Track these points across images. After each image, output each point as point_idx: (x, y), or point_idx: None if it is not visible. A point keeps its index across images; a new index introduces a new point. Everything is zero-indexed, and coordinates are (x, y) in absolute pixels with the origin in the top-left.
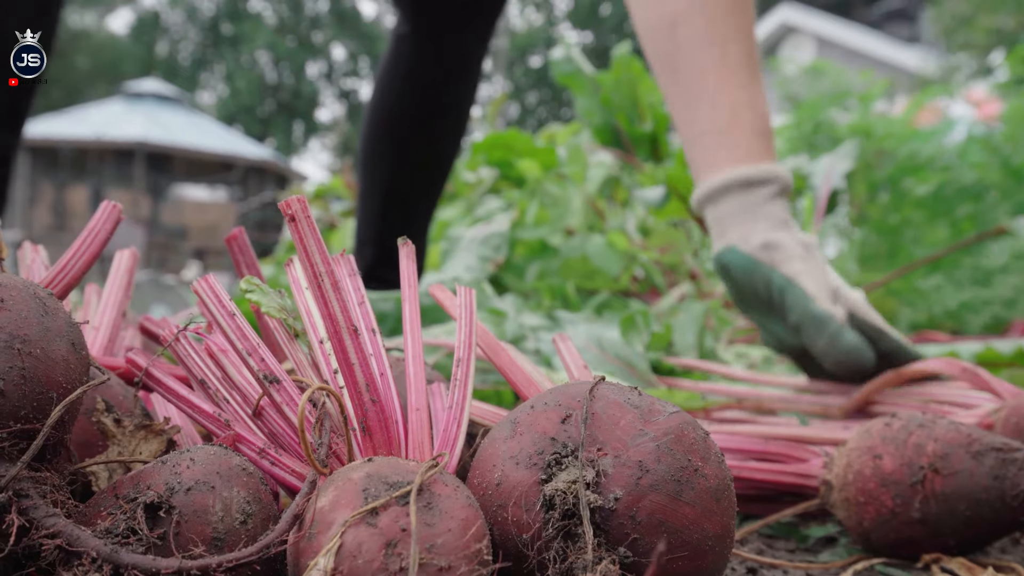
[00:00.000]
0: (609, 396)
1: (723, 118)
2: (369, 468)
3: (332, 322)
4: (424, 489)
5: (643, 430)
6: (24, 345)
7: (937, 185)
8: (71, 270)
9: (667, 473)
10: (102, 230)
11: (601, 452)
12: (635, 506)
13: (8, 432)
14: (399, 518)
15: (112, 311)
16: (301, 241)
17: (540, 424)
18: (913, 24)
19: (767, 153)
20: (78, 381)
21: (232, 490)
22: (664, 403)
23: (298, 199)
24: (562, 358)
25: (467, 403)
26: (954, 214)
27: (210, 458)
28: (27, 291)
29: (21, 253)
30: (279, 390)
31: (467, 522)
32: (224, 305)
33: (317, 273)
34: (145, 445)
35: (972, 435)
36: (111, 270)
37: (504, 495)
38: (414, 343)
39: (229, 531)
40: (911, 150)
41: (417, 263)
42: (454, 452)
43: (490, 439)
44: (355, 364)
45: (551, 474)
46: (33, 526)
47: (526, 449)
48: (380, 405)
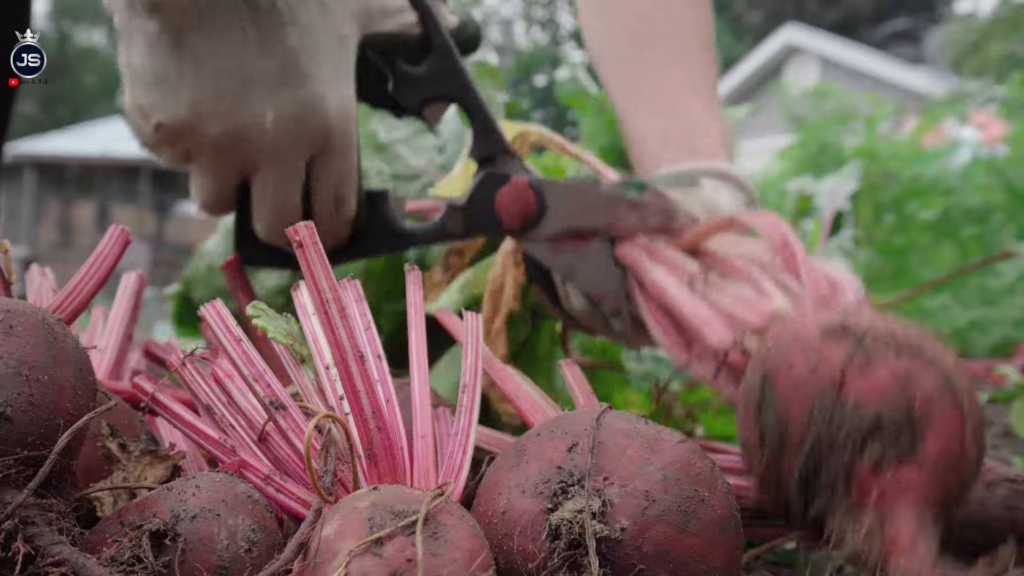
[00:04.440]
0: (615, 425)
1: (692, 127)
2: (374, 497)
3: (338, 349)
4: (430, 519)
5: (649, 460)
6: (32, 372)
7: (942, 209)
8: (79, 295)
9: (673, 503)
10: (110, 254)
11: (607, 481)
12: (641, 536)
13: (15, 459)
14: (404, 548)
15: (118, 334)
16: (308, 267)
17: (546, 452)
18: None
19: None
20: (85, 407)
21: (237, 518)
22: (672, 432)
23: (305, 225)
24: (568, 384)
25: (473, 430)
26: (959, 236)
27: (216, 485)
28: (35, 317)
29: (29, 276)
30: (284, 416)
31: (472, 552)
32: (231, 331)
33: (324, 300)
34: (150, 471)
35: (986, 465)
36: (118, 293)
37: (510, 524)
38: (420, 369)
39: (234, 559)
40: (915, 172)
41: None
42: (459, 480)
43: (496, 467)
44: (361, 391)
45: (557, 503)
46: (39, 554)
47: (532, 478)
48: (386, 432)
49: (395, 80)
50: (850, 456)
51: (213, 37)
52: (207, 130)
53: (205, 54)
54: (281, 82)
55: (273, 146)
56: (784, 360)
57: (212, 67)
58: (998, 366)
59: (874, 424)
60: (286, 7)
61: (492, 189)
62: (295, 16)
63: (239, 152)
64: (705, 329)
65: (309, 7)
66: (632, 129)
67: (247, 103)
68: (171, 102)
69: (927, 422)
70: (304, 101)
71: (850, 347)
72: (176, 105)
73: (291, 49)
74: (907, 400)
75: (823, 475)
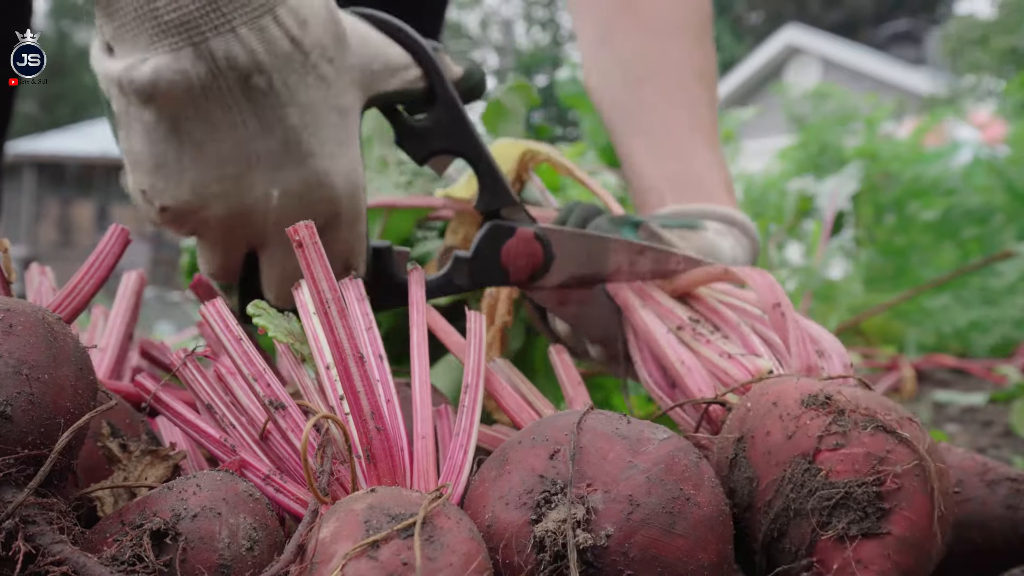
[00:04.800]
0: (597, 428)
1: (696, 171)
2: (372, 499)
3: (338, 349)
4: (426, 522)
5: (632, 462)
6: (32, 371)
7: (943, 210)
8: (79, 294)
9: (658, 506)
10: (111, 253)
11: (591, 488)
12: (627, 542)
13: (15, 458)
14: (400, 551)
15: (118, 333)
16: (308, 267)
17: (528, 461)
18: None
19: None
20: (85, 406)
21: (238, 516)
22: (655, 430)
23: (305, 225)
24: (557, 373)
25: (474, 430)
26: (960, 237)
27: (216, 484)
28: (35, 316)
29: (29, 275)
30: (284, 416)
31: (469, 556)
32: (231, 330)
33: (324, 300)
34: (151, 470)
35: (987, 464)
36: (118, 292)
37: (495, 538)
38: (421, 369)
39: (235, 558)
40: (916, 173)
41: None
42: (459, 481)
43: (480, 478)
44: (360, 392)
45: (541, 514)
46: (39, 553)
47: (515, 488)
48: (385, 433)
49: (400, 133)
50: (816, 526)
51: (211, 122)
52: (212, 212)
53: (204, 139)
54: (284, 161)
55: (280, 223)
56: (762, 424)
57: (212, 150)
58: (998, 366)
59: (843, 498)
60: (284, 88)
61: (499, 242)
62: (294, 96)
63: (246, 230)
64: (687, 379)
65: (308, 83)
66: (634, 170)
67: (251, 183)
68: (173, 187)
69: (895, 502)
70: (309, 179)
71: (828, 419)
72: (179, 189)
73: (292, 128)
74: (878, 478)
75: (787, 540)
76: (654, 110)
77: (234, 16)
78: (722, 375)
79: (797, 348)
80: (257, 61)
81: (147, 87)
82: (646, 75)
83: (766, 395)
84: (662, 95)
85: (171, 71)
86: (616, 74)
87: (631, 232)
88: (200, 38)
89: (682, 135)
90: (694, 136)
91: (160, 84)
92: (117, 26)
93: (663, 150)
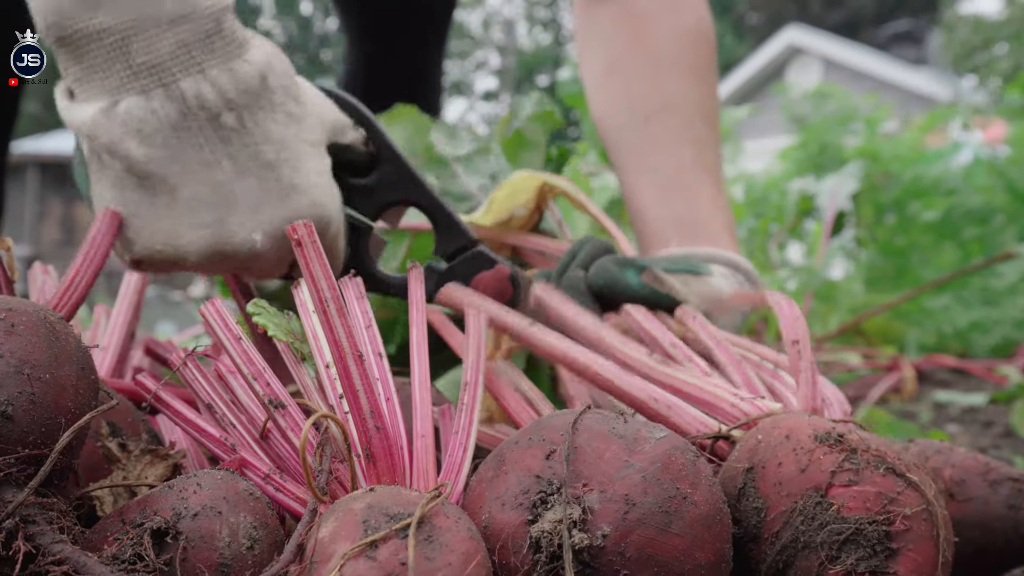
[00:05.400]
0: (593, 427)
1: (702, 214)
2: (370, 499)
3: (337, 348)
4: (425, 521)
5: (628, 461)
6: (33, 370)
7: (944, 210)
8: (78, 286)
9: (654, 505)
10: (103, 241)
11: (587, 488)
12: (623, 542)
13: (16, 458)
14: (398, 551)
15: (120, 332)
16: (307, 266)
17: (524, 461)
18: (920, 46)
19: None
20: (87, 406)
21: (239, 515)
22: (652, 428)
23: (304, 224)
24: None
25: (474, 428)
26: (961, 237)
27: (217, 483)
28: (37, 316)
29: (31, 274)
30: (284, 415)
31: (468, 555)
32: (231, 329)
33: (323, 299)
34: (151, 469)
35: (989, 464)
36: (120, 291)
37: (492, 539)
38: (421, 368)
39: (236, 557)
40: (917, 173)
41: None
42: (458, 480)
43: (478, 478)
44: (359, 391)
45: (537, 514)
46: (40, 552)
47: (511, 489)
48: (384, 432)
49: (348, 193)
50: (824, 559)
51: (183, 163)
52: (188, 259)
53: (178, 183)
54: (264, 199)
55: (264, 261)
56: (773, 455)
57: (187, 195)
58: (999, 366)
59: (854, 533)
60: (255, 126)
61: (475, 268)
62: (267, 133)
63: (227, 267)
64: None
65: (278, 120)
66: (639, 208)
67: (229, 227)
68: (145, 238)
69: (904, 543)
70: (295, 215)
71: (841, 456)
72: (151, 240)
73: (270, 164)
74: (888, 518)
75: (793, 571)
76: (661, 148)
77: (204, 59)
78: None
79: (806, 389)
80: (227, 99)
81: (118, 133)
82: (653, 112)
83: (778, 428)
84: (669, 133)
85: (143, 111)
86: (622, 107)
87: (634, 276)
88: (171, 79)
89: (688, 175)
90: (700, 176)
91: (131, 125)
92: (85, 67)
93: (669, 190)
